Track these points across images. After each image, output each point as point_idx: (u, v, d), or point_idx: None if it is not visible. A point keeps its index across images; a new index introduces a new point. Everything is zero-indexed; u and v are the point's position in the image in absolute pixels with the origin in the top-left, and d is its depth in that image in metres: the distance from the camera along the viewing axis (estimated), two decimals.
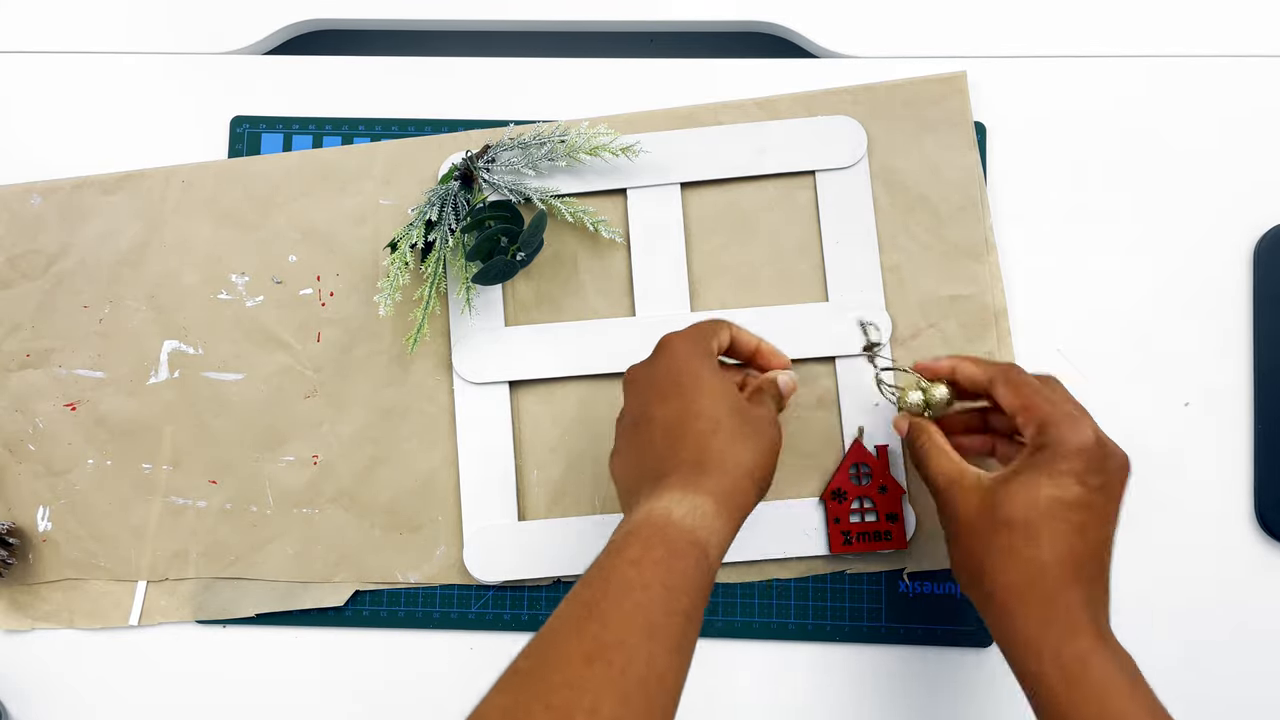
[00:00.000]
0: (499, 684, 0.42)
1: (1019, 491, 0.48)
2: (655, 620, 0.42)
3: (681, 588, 0.43)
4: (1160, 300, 0.61)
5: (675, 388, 0.50)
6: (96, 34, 0.66)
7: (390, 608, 0.61)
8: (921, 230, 0.61)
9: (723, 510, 0.47)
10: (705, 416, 0.49)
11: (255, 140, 0.64)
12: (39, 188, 0.63)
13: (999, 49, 0.64)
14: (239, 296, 0.62)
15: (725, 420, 0.49)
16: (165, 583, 0.61)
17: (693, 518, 0.45)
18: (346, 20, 0.66)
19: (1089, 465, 0.47)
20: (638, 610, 0.42)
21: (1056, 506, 0.47)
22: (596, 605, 0.43)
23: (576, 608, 0.43)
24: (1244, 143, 0.62)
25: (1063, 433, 0.48)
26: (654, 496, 0.47)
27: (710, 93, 0.63)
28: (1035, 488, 0.47)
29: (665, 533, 0.45)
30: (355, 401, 0.61)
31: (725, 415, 0.49)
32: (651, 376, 0.52)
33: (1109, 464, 0.48)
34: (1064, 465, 0.47)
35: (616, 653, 0.41)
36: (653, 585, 0.43)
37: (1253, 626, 0.59)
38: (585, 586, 0.44)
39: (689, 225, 0.62)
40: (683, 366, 0.51)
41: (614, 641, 0.41)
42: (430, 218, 0.59)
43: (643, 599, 0.42)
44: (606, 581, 0.43)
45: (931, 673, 0.59)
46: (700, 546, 0.45)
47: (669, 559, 0.44)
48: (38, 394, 0.62)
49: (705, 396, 0.50)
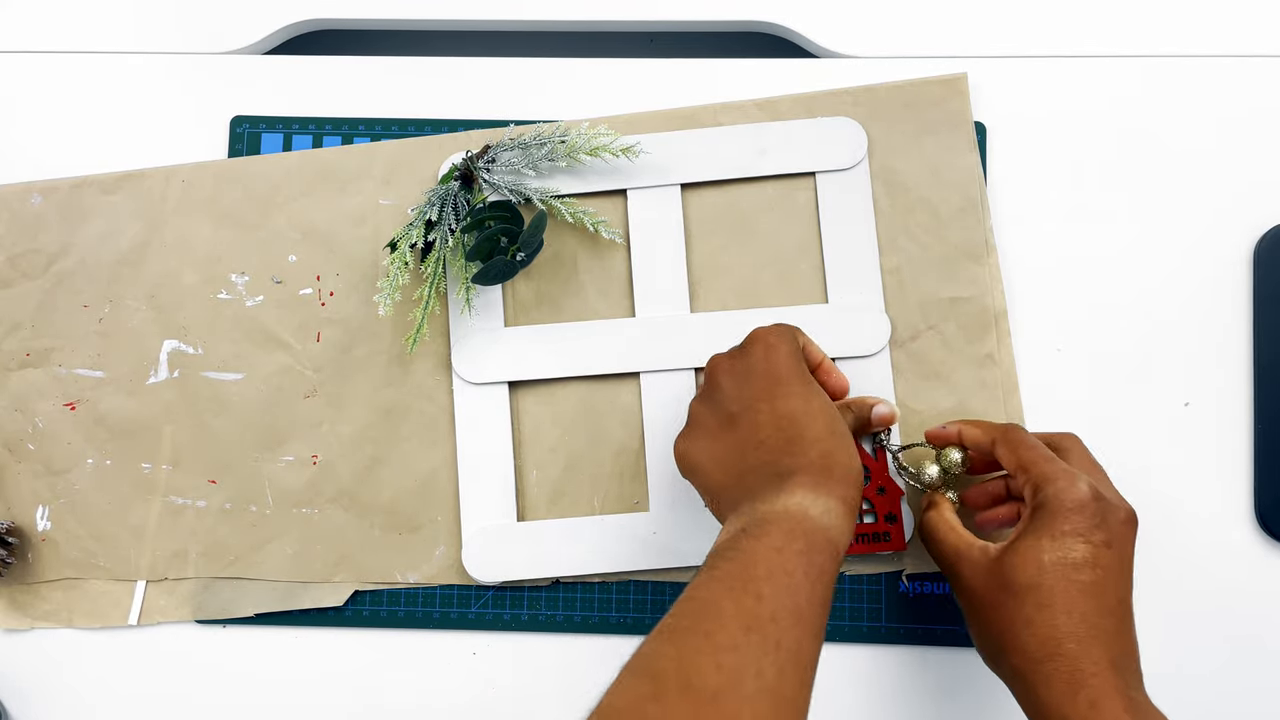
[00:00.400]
0: (660, 634, 0.42)
1: (1024, 557, 0.47)
2: (801, 605, 0.43)
3: (820, 580, 0.44)
4: (1160, 300, 0.61)
5: (782, 385, 0.50)
6: (96, 34, 0.66)
7: (390, 608, 0.61)
8: (921, 232, 0.61)
9: (849, 515, 0.47)
10: (821, 419, 0.49)
11: (255, 140, 0.64)
12: (39, 187, 0.63)
13: (999, 49, 0.64)
14: (239, 296, 0.62)
15: (837, 426, 0.50)
16: (165, 582, 0.61)
17: (827, 518, 0.46)
18: (346, 20, 0.66)
19: (1090, 521, 0.47)
20: (786, 593, 0.43)
21: (1062, 568, 0.46)
22: (749, 581, 0.43)
23: (726, 580, 0.43)
24: (1243, 143, 0.62)
25: (1058, 490, 0.48)
26: (784, 492, 0.46)
27: (710, 93, 0.63)
28: (1039, 551, 0.47)
29: (804, 527, 0.45)
30: (355, 401, 0.61)
31: (836, 421, 0.50)
32: (750, 369, 0.51)
33: (1111, 518, 0.47)
34: (1064, 524, 0.47)
35: (771, 627, 0.41)
36: (795, 573, 0.43)
37: (1253, 626, 0.59)
38: (729, 562, 0.44)
39: (689, 226, 0.62)
40: (787, 364, 0.51)
41: (768, 616, 0.42)
42: (430, 218, 0.59)
43: (789, 583, 0.43)
44: (753, 562, 0.44)
45: (931, 673, 0.59)
46: (834, 545, 0.45)
47: (809, 552, 0.44)
48: (37, 393, 0.62)
49: (817, 398, 0.50)
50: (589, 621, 0.60)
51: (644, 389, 0.60)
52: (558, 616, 0.60)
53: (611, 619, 0.60)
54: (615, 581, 0.60)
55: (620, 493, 0.60)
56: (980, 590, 0.49)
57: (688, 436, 0.53)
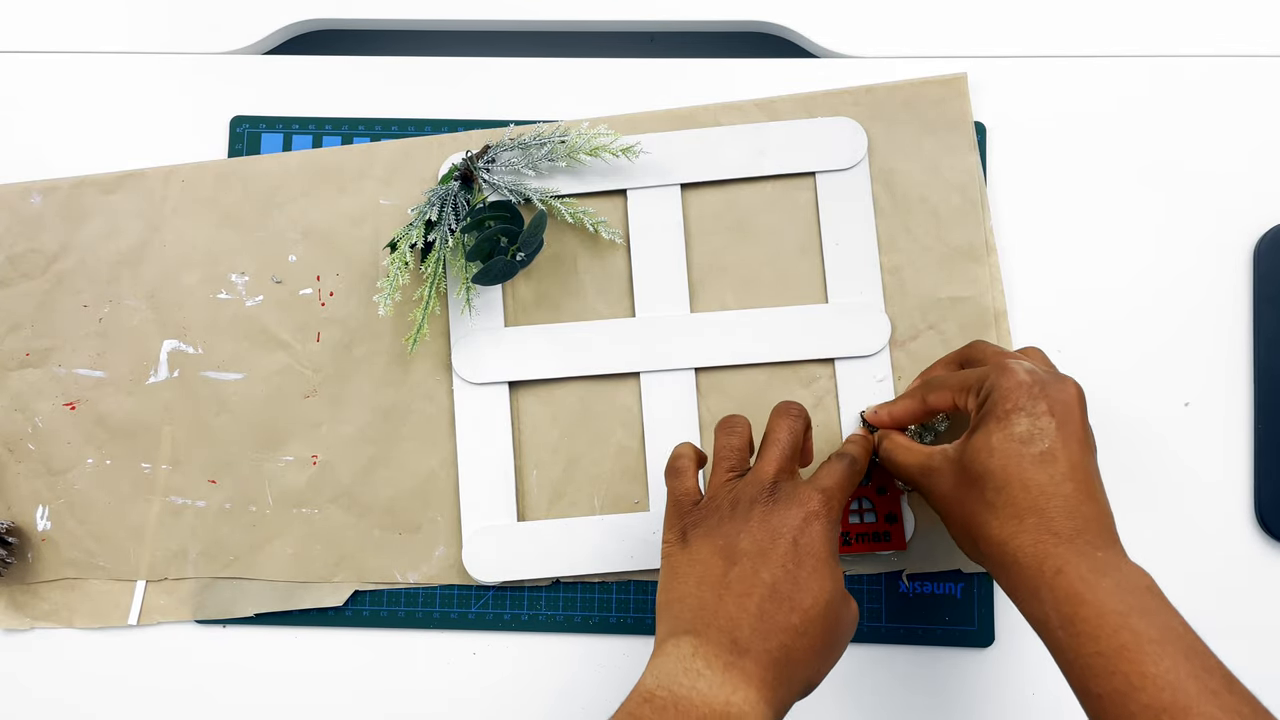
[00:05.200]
0: None
1: (975, 446, 0.48)
2: None
3: None
4: (1160, 300, 0.61)
5: (792, 559, 0.46)
6: (96, 34, 0.66)
7: (389, 608, 0.61)
8: (921, 232, 0.61)
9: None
10: (805, 615, 0.45)
11: (255, 140, 0.64)
12: (39, 187, 0.63)
13: (999, 49, 0.64)
14: (239, 296, 0.62)
15: (816, 625, 0.46)
16: (164, 582, 0.61)
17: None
18: (346, 20, 0.66)
19: (1029, 395, 0.47)
20: None
21: (1010, 444, 0.47)
22: None
23: None
24: (1244, 143, 0.62)
25: (995, 378, 0.49)
26: (731, 678, 0.43)
27: (710, 93, 0.63)
28: (987, 436, 0.48)
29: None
30: (355, 401, 0.61)
31: (820, 618, 0.46)
32: (781, 526, 0.47)
33: (1052, 390, 0.48)
34: (1006, 405, 0.48)
35: None
36: None
37: (1253, 626, 0.59)
38: None
39: (689, 226, 0.62)
40: (816, 544, 0.47)
41: None
42: (430, 218, 0.59)
43: None
44: None
45: (931, 673, 0.59)
46: None
47: None
48: (37, 393, 0.62)
49: (820, 588, 0.46)
50: (589, 621, 0.60)
51: (644, 389, 0.60)
52: (558, 616, 0.60)
53: (611, 619, 0.60)
54: (615, 581, 0.60)
55: (620, 493, 0.60)
56: (949, 491, 0.49)
57: (701, 521, 0.49)
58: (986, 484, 0.47)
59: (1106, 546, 0.45)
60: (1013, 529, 0.46)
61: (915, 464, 0.52)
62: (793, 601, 0.45)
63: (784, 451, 0.50)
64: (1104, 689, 0.41)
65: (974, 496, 0.48)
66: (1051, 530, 0.45)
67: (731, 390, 0.60)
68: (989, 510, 0.47)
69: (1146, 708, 0.40)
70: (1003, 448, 0.47)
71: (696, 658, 0.44)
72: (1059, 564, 0.44)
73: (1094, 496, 0.46)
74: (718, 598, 0.46)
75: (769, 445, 0.51)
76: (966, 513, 0.48)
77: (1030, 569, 0.45)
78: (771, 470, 0.49)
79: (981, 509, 0.47)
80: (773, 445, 0.50)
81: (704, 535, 0.48)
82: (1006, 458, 0.47)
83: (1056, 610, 0.43)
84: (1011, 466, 0.46)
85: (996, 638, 0.59)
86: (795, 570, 0.46)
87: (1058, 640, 0.43)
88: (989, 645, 0.59)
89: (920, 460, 0.52)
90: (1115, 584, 0.43)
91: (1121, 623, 0.42)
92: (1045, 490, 0.46)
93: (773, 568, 0.46)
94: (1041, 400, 0.47)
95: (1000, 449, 0.47)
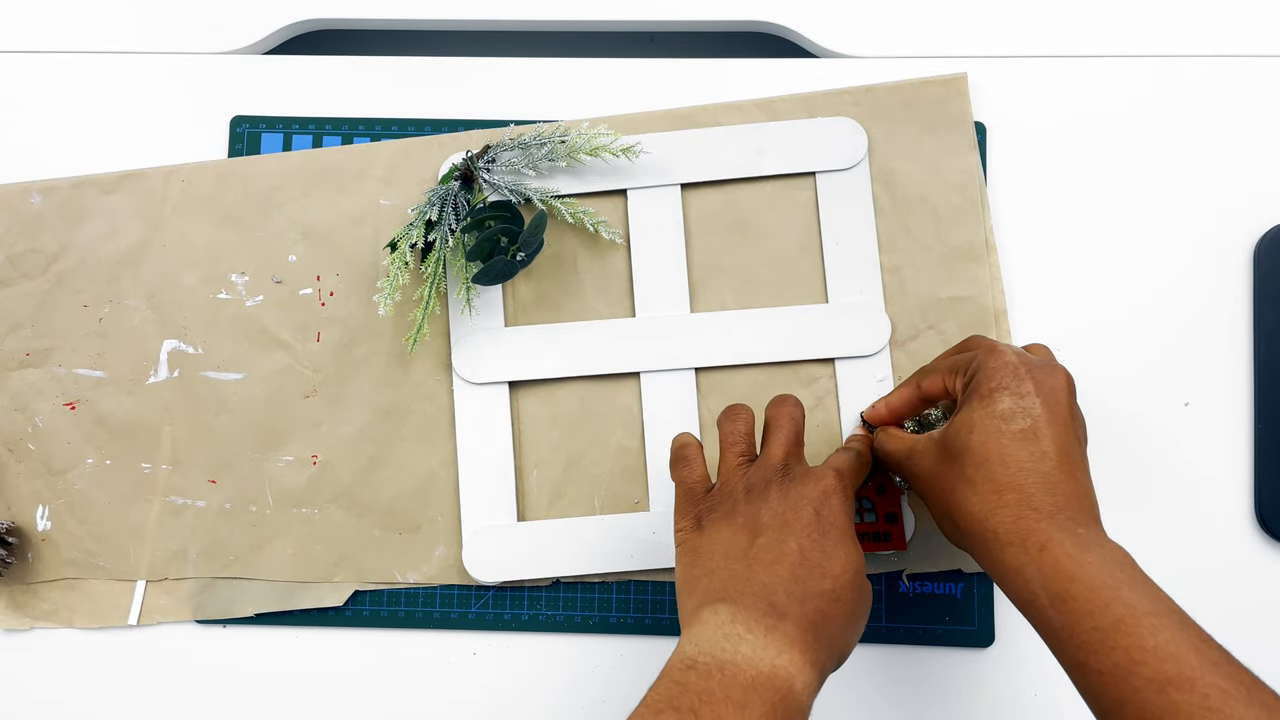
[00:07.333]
0: None
1: (958, 425, 0.48)
2: None
3: None
4: (1160, 300, 0.61)
5: (817, 529, 0.47)
6: (96, 34, 0.66)
7: (390, 608, 0.61)
8: (922, 232, 0.61)
9: (819, 685, 0.45)
10: (836, 581, 0.46)
11: (255, 140, 0.64)
12: (39, 187, 0.63)
13: (999, 49, 0.64)
14: (239, 296, 0.62)
15: (848, 592, 0.46)
16: (164, 582, 0.61)
17: (807, 695, 0.43)
18: (346, 20, 0.66)
19: (1014, 375, 0.47)
20: None
21: (992, 420, 0.47)
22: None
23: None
24: (1244, 143, 0.62)
25: (982, 360, 0.49)
26: (773, 641, 0.43)
27: (710, 93, 0.63)
28: (970, 413, 0.48)
29: (787, 704, 0.42)
30: (355, 401, 0.61)
31: (850, 585, 0.47)
32: (801, 497, 0.48)
33: (1039, 373, 0.48)
34: (990, 384, 0.47)
35: None
36: None
37: (1252, 626, 0.59)
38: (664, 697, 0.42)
39: (689, 226, 0.62)
40: (837, 516, 0.48)
41: None
42: (430, 218, 0.59)
43: None
44: (697, 712, 0.41)
45: (931, 673, 0.59)
46: None
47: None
48: (37, 393, 0.62)
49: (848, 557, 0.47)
50: (589, 621, 0.60)
51: (644, 389, 0.60)
52: (558, 616, 0.60)
53: (611, 619, 0.60)
54: (615, 581, 0.60)
55: (620, 493, 0.60)
56: (930, 469, 0.49)
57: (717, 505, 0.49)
58: (966, 460, 0.47)
59: (1087, 524, 0.45)
60: (992, 504, 0.45)
61: (902, 449, 0.52)
62: (823, 569, 0.46)
63: (790, 436, 0.51)
64: (1104, 664, 0.41)
65: (954, 473, 0.47)
66: (1031, 506, 0.45)
67: (732, 390, 0.60)
68: (968, 486, 0.46)
69: (1150, 681, 0.40)
70: (984, 424, 0.47)
71: (736, 623, 0.44)
72: (1042, 540, 0.44)
73: (1074, 476, 0.46)
74: (747, 567, 0.46)
75: (774, 431, 0.51)
76: (946, 489, 0.48)
77: (1013, 545, 0.44)
78: (780, 453, 0.50)
79: (961, 485, 0.47)
80: (778, 430, 0.51)
81: (722, 518, 0.48)
82: (986, 434, 0.46)
83: (1045, 588, 0.43)
84: (991, 443, 0.46)
85: (996, 638, 0.59)
86: (821, 540, 0.46)
87: (1048, 618, 0.43)
88: (989, 645, 0.59)
89: (907, 445, 0.52)
90: (1100, 559, 0.43)
91: (1114, 596, 0.41)
92: (1024, 467, 0.45)
93: (799, 536, 0.46)
94: (1028, 380, 0.47)
95: (981, 425, 0.47)
